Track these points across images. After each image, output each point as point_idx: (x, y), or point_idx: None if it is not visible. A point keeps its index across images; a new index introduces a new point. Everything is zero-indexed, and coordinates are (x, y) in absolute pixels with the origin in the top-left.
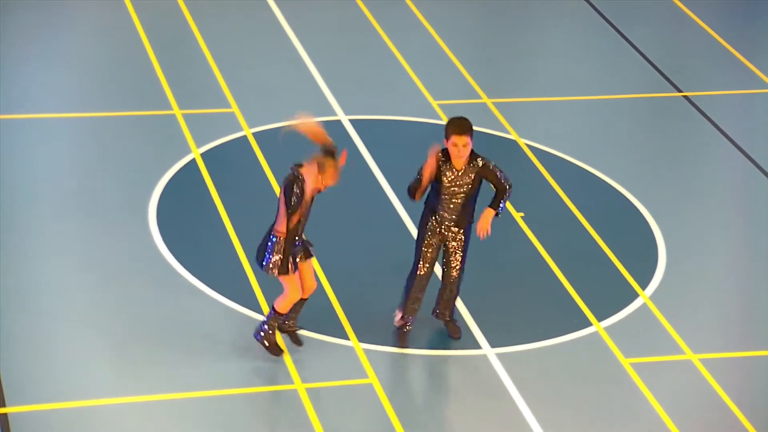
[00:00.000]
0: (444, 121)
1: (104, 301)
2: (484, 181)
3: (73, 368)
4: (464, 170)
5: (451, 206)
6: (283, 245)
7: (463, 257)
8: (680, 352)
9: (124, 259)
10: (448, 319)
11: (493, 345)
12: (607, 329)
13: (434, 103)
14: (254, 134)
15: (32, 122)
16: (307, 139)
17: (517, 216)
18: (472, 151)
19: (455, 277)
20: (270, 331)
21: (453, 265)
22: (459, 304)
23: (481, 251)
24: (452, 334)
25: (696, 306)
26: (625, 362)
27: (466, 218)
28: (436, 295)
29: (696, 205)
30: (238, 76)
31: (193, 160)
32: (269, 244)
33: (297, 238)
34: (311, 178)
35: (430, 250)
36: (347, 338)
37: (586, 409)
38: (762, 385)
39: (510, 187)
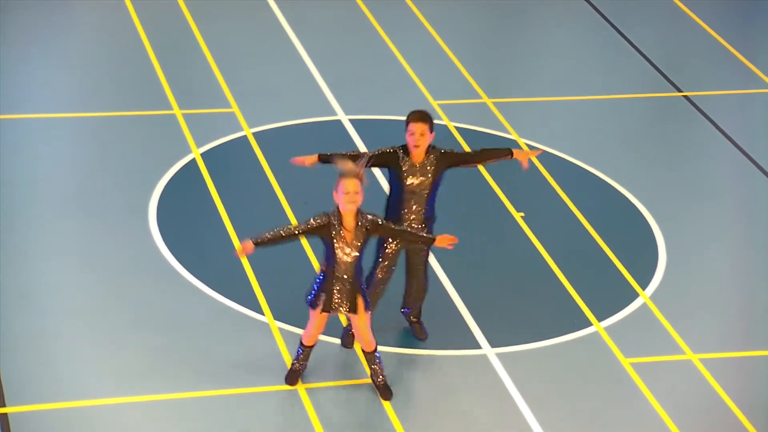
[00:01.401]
0: (444, 121)
1: (104, 301)
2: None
3: (73, 368)
4: (423, 163)
5: (415, 207)
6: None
7: (427, 255)
8: (680, 352)
9: (124, 258)
10: (414, 320)
11: (493, 345)
12: (607, 329)
13: (434, 103)
14: (254, 134)
15: (32, 122)
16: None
17: (517, 216)
18: (430, 144)
19: (422, 277)
20: (294, 363)
21: (418, 265)
22: (459, 303)
23: (480, 251)
24: (418, 335)
25: (696, 306)
26: (625, 362)
27: (429, 215)
28: (403, 294)
29: (696, 205)
30: (239, 76)
31: (193, 160)
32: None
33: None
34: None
35: (391, 254)
36: None
37: (586, 409)
38: (762, 385)
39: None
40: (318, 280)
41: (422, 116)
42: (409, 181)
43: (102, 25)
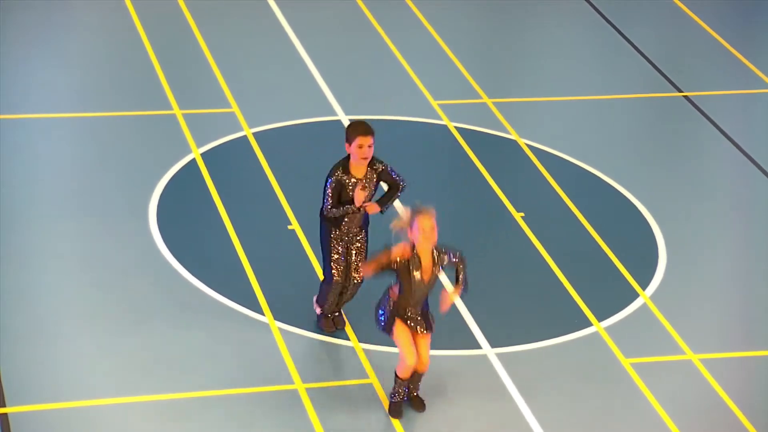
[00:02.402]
0: (445, 121)
1: (104, 301)
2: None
3: (74, 368)
4: (367, 176)
5: (356, 220)
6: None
7: (365, 258)
8: (680, 352)
9: (124, 258)
10: (337, 314)
11: (493, 345)
12: (607, 329)
13: (434, 103)
14: (254, 134)
15: (32, 122)
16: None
17: (517, 216)
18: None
19: (359, 280)
20: (393, 398)
21: (356, 268)
22: (459, 303)
23: (480, 251)
24: (337, 325)
25: (696, 306)
26: (626, 362)
27: (367, 221)
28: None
29: (696, 205)
30: (239, 76)
31: (194, 160)
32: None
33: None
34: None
35: (340, 258)
36: (347, 338)
37: (586, 409)
38: (762, 385)
39: (404, 184)
40: (384, 306)
41: (369, 129)
42: (357, 199)
43: (102, 25)
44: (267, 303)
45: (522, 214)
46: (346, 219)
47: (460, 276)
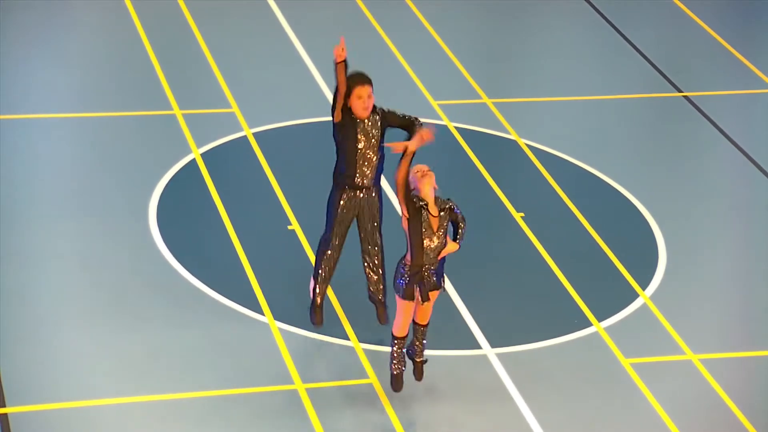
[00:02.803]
0: (445, 121)
1: (104, 301)
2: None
3: (73, 368)
4: (371, 121)
5: (366, 170)
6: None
7: (380, 221)
8: (680, 352)
9: (124, 259)
10: (380, 299)
11: (493, 345)
12: (607, 329)
13: (434, 103)
14: (254, 134)
15: (32, 122)
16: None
17: (518, 216)
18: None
19: (378, 243)
20: (394, 368)
21: (373, 229)
22: (459, 303)
23: (480, 251)
24: (380, 319)
25: (696, 306)
26: (625, 362)
27: (379, 176)
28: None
29: (696, 206)
30: (239, 77)
31: (194, 160)
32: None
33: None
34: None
35: (342, 227)
36: (347, 338)
37: (586, 409)
38: (762, 385)
39: (417, 120)
40: (403, 271)
41: (366, 79)
42: (361, 147)
43: (102, 25)
44: (267, 303)
45: (522, 214)
46: (358, 171)
47: (460, 231)
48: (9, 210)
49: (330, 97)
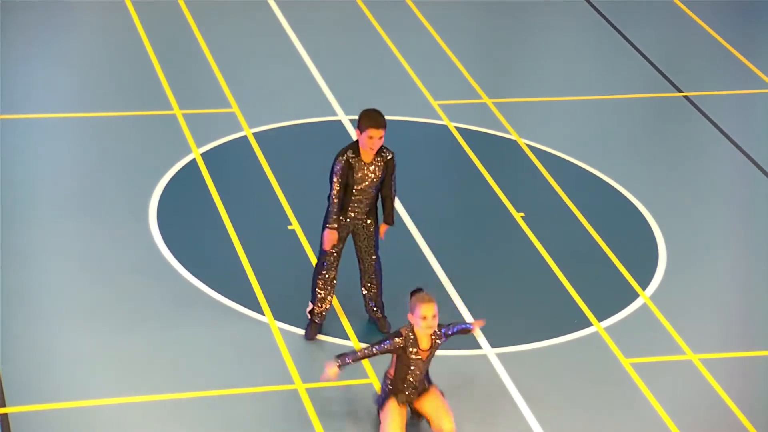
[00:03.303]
0: (445, 121)
1: (104, 301)
2: None
3: (74, 368)
4: (374, 163)
5: (363, 206)
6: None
7: (376, 243)
8: (680, 352)
9: (124, 259)
10: (379, 315)
11: (493, 345)
12: (607, 329)
13: (434, 103)
14: (254, 134)
15: (33, 122)
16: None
17: (518, 216)
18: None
19: (374, 260)
20: None
21: (369, 252)
22: (458, 303)
23: (480, 251)
24: (381, 329)
25: (696, 306)
26: (626, 362)
27: (374, 209)
28: (362, 293)
29: (696, 206)
30: (239, 76)
31: (194, 160)
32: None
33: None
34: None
35: (336, 249)
36: (347, 338)
37: (586, 409)
38: (762, 385)
39: (395, 194)
40: (386, 387)
41: (381, 122)
42: (359, 184)
43: (102, 25)
44: (267, 303)
45: (522, 214)
46: (353, 205)
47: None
48: (9, 210)
49: (329, 96)
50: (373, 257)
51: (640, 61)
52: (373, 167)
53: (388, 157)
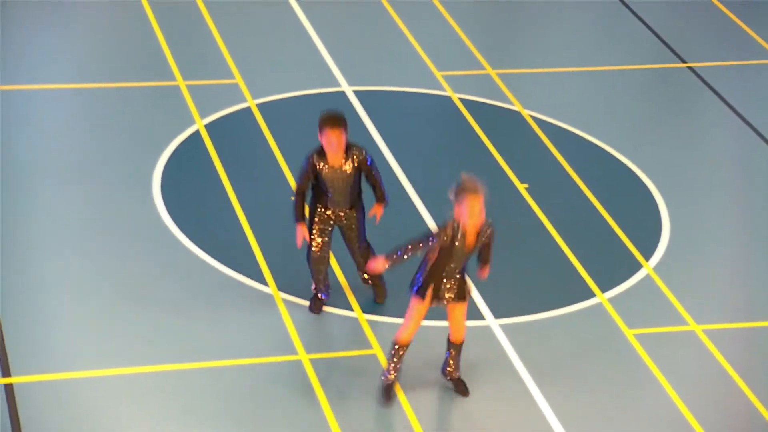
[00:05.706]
0: (448, 92)
1: (108, 271)
2: None
3: (79, 338)
4: (344, 164)
5: (341, 203)
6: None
7: (362, 233)
8: (684, 323)
9: (127, 230)
10: (372, 282)
11: (496, 316)
12: (610, 300)
13: (438, 74)
14: (258, 105)
15: (36, 93)
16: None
17: (521, 187)
18: (347, 143)
19: (361, 247)
20: (386, 376)
21: (354, 241)
22: None
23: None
24: (377, 298)
25: (699, 277)
26: (629, 333)
27: (357, 199)
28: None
29: (700, 177)
30: (242, 48)
31: (197, 131)
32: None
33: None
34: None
35: (324, 235)
36: (351, 309)
37: (588, 380)
38: (764, 355)
39: (383, 189)
40: (423, 269)
41: (337, 122)
42: (330, 183)
43: None
44: (271, 274)
45: (526, 186)
46: (331, 203)
47: (488, 254)
48: (12, 180)
49: (333, 67)
50: (363, 244)
51: (644, 31)
52: (344, 168)
53: (360, 158)
